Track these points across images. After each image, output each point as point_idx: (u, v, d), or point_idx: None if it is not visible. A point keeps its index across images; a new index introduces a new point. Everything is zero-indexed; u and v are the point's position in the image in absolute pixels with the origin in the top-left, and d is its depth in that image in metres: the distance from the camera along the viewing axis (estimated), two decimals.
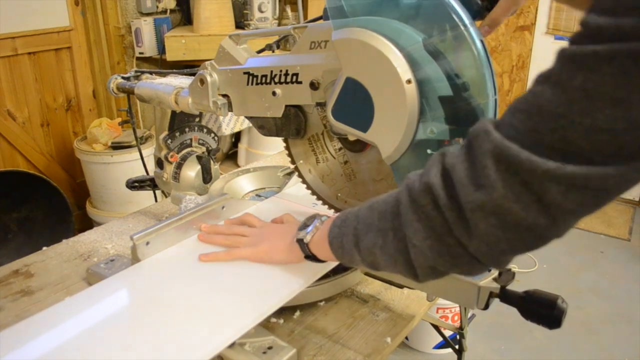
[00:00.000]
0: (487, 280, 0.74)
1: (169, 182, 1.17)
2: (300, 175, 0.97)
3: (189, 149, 1.17)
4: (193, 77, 0.97)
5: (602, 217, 3.36)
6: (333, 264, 0.84)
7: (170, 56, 2.67)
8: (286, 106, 0.87)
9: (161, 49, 2.85)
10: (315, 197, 0.96)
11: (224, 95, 0.94)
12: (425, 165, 0.60)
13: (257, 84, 0.88)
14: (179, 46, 2.65)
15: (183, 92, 0.99)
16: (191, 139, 1.17)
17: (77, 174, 2.86)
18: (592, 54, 0.44)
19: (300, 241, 0.79)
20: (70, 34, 2.73)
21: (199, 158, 1.17)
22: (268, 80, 0.87)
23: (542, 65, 0.72)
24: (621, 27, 0.43)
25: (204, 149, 1.19)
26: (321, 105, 0.82)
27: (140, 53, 2.88)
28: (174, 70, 1.13)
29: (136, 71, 1.15)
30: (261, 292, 0.78)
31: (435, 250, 0.58)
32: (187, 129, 1.16)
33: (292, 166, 0.97)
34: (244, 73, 0.90)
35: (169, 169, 1.16)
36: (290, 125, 0.89)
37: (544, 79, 0.48)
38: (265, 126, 0.92)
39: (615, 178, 0.47)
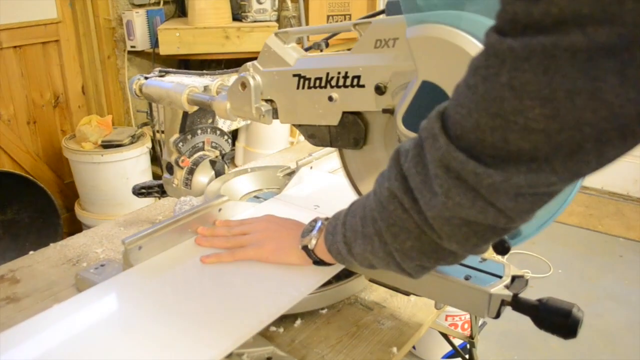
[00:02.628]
0: (499, 287, 0.74)
1: (180, 189, 1.16)
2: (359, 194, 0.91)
3: (201, 153, 1.16)
4: (212, 77, 0.94)
5: (621, 220, 3.35)
6: (340, 267, 0.84)
7: (163, 50, 2.68)
8: (344, 113, 0.82)
9: (154, 42, 2.85)
10: None
11: (268, 101, 0.90)
12: (387, 164, 0.62)
13: (309, 87, 0.83)
14: (172, 39, 2.65)
15: (220, 97, 0.96)
16: (203, 142, 1.16)
17: (65, 174, 2.86)
18: (510, 51, 0.43)
19: (305, 248, 0.81)
20: (58, 26, 2.73)
21: (212, 163, 1.16)
22: (323, 84, 0.82)
23: None
24: (532, 15, 0.41)
25: (217, 152, 1.18)
26: (389, 112, 0.77)
27: (132, 47, 2.88)
28: (205, 72, 1.09)
29: (160, 70, 1.12)
30: (261, 299, 0.78)
31: (416, 250, 0.62)
32: (199, 131, 1.14)
33: (352, 187, 0.92)
34: (294, 75, 0.85)
35: (180, 174, 1.15)
36: (348, 134, 0.84)
37: (475, 69, 0.48)
38: (317, 135, 0.88)
39: (561, 183, 0.49)
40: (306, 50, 0.91)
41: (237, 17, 2.85)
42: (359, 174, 0.93)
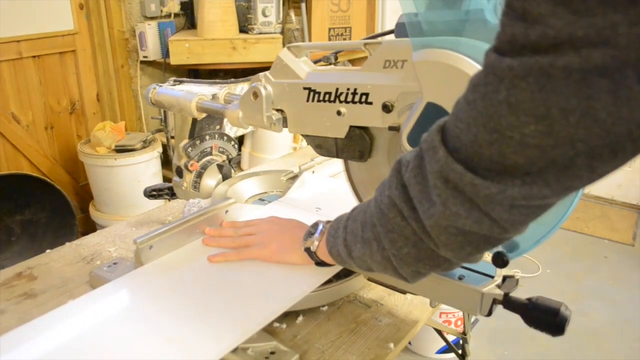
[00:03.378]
0: (491, 287, 0.74)
1: (189, 192, 1.16)
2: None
3: (209, 157, 1.16)
4: (220, 86, 0.94)
5: (606, 222, 3.35)
6: (340, 267, 0.84)
7: (174, 60, 2.68)
8: (351, 127, 0.83)
9: (165, 52, 2.86)
10: None
11: (278, 110, 0.90)
12: (389, 173, 0.62)
13: (319, 100, 0.84)
14: (182, 50, 2.66)
15: (232, 106, 0.96)
16: (211, 147, 1.16)
17: (80, 177, 2.86)
18: (508, 70, 0.43)
19: (308, 250, 0.80)
20: (75, 37, 2.74)
21: (219, 167, 1.16)
22: (332, 98, 0.82)
23: None
24: (529, 37, 0.41)
25: (224, 157, 1.18)
26: (394, 129, 0.77)
27: (144, 57, 2.89)
28: (217, 81, 1.10)
29: (175, 80, 1.12)
30: (265, 297, 0.78)
31: (413, 256, 0.62)
32: (207, 137, 1.15)
33: (354, 196, 0.92)
34: (305, 88, 0.85)
35: (189, 177, 1.15)
36: (354, 147, 0.84)
37: (474, 86, 0.48)
38: (324, 146, 0.88)
39: (554, 196, 0.49)
40: (315, 62, 0.90)
41: (243, 29, 2.86)
42: (362, 185, 0.93)
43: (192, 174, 1.14)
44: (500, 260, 0.69)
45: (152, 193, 1.24)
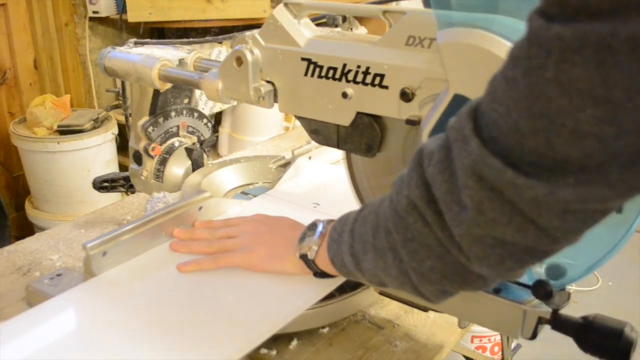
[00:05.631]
0: (535, 302, 0.74)
1: (150, 182, 1.16)
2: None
3: (175, 139, 1.16)
4: (189, 49, 0.93)
5: None
6: (343, 278, 0.84)
7: (132, 16, 2.67)
8: (358, 113, 0.82)
9: (121, 6, 2.85)
10: None
11: (269, 82, 0.89)
12: (408, 165, 0.62)
13: (320, 77, 0.83)
14: (143, 4, 2.65)
15: (210, 75, 0.95)
16: (178, 126, 1.16)
17: (13, 165, 2.86)
18: (558, 39, 0.43)
19: (304, 257, 0.80)
20: None
21: (188, 151, 1.16)
22: (338, 76, 0.81)
23: None
24: None
25: (194, 138, 1.18)
26: (413, 123, 0.76)
27: (94, 12, 2.88)
28: (188, 40, 1.09)
29: (136, 42, 1.12)
30: (249, 316, 0.78)
31: (438, 272, 0.62)
32: (173, 114, 1.14)
33: (355, 196, 0.93)
34: (303, 59, 0.84)
35: (150, 164, 1.15)
36: (360, 138, 0.84)
37: (515, 60, 0.48)
38: (323, 133, 0.88)
39: (616, 198, 0.49)
40: (314, 20, 0.90)
41: None
42: (367, 185, 0.93)
43: (153, 161, 1.15)
44: (542, 291, 0.69)
45: (104, 184, 1.25)
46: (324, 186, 1.18)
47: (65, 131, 2.55)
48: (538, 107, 0.47)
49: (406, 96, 0.75)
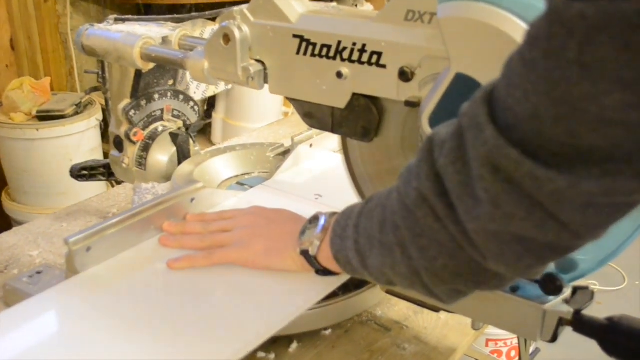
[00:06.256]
0: (556, 301, 0.74)
1: (132, 170, 1.16)
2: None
3: (159, 124, 1.16)
4: (173, 26, 0.93)
5: None
6: (348, 276, 0.84)
7: None
8: (354, 94, 0.83)
9: None
10: None
11: (259, 62, 0.90)
12: (417, 155, 0.62)
13: (313, 55, 0.83)
14: None
15: (195, 53, 0.96)
16: (162, 110, 1.16)
17: None
18: (580, 18, 0.43)
19: (305, 253, 0.80)
20: None
21: (173, 136, 1.16)
22: (332, 54, 0.82)
23: None
24: None
25: (180, 123, 1.19)
26: (412, 105, 0.76)
27: None
28: (171, 16, 1.09)
29: (116, 18, 1.12)
30: (246, 316, 0.79)
31: (450, 270, 0.62)
32: (156, 96, 1.15)
33: (353, 186, 0.93)
34: (295, 36, 0.85)
35: (131, 151, 1.15)
36: (356, 121, 0.85)
37: (533, 40, 0.48)
38: (316, 116, 0.88)
39: None
40: None
41: None
42: (364, 172, 0.93)
43: (135, 147, 1.15)
44: (552, 286, 0.69)
45: (83, 172, 1.25)
46: (326, 176, 1.18)
47: (45, 117, 2.55)
48: (559, 91, 0.46)
49: (405, 76, 0.76)
